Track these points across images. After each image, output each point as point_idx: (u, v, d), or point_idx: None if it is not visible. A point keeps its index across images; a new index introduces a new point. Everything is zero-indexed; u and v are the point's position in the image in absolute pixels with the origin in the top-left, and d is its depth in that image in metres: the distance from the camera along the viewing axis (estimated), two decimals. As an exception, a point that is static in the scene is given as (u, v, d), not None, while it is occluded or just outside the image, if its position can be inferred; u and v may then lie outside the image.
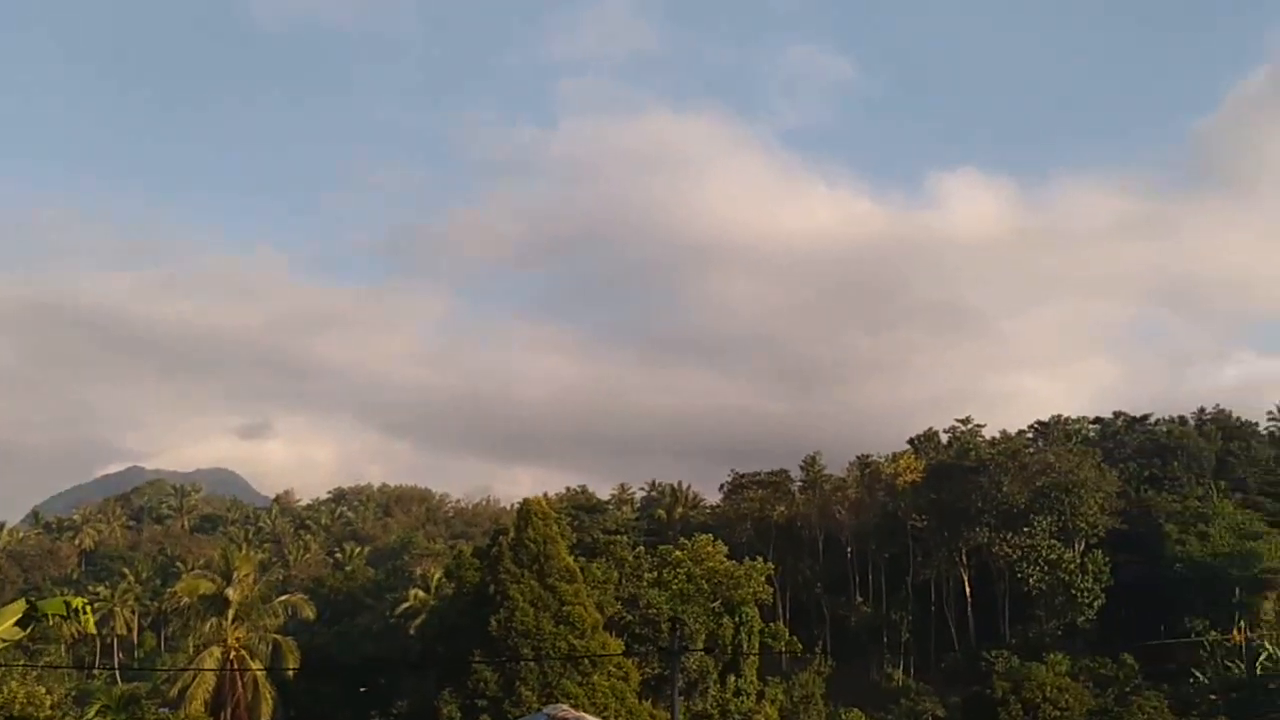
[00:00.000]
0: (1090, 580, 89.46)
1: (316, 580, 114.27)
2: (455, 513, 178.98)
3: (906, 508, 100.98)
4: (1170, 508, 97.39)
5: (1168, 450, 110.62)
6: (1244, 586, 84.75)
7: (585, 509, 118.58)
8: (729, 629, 68.50)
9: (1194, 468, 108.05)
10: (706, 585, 69.45)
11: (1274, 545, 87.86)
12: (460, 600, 63.49)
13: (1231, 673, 77.35)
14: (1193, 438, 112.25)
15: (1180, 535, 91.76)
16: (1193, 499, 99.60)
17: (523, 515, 58.18)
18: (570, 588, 54.77)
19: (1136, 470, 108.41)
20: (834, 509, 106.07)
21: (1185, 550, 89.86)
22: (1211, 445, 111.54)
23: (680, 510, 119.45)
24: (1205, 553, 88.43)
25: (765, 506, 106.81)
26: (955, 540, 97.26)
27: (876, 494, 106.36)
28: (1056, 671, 79.66)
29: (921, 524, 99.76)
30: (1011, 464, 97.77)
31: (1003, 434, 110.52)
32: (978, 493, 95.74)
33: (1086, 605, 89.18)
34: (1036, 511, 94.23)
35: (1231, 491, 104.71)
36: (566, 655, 51.70)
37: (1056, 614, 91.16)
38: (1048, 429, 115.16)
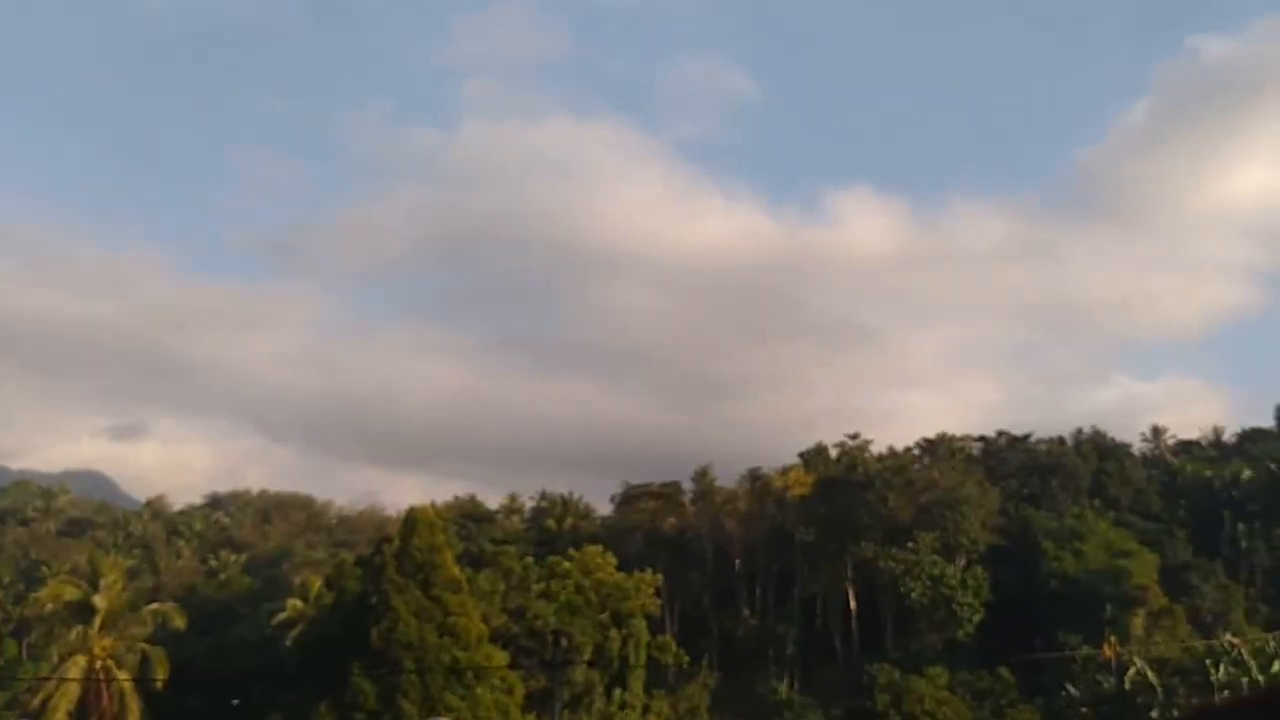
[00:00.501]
0: (971, 595, 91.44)
1: (189, 589, 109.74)
2: (338, 520, 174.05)
3: (795, 521, 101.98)
4: (1048, 525, 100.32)
5: (1047, 469, 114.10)
6: (1115, 603, 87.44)
7: (474, 518, 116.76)
8: (616, 641, 67.82)
9: (1071, 487, 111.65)
10: (595, 597, 68.68)
11: (1144, 563, 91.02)
12: (340, 611, 61.37)
13: (1102, 687, 79.75)
14: (1070, 457, 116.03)
15: (1057, 552, 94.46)
16: (1069, 517, 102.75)
17: (409, 524, 56.58)
18: (456, 599, 53.42)
19: (1017, 488, 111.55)
20: (724, 521, 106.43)
21: (1061, 567, 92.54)
22: (1088, 465, 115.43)
23: (570, 521, 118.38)
24: (1080, 569, 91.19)
25: (656, 518, 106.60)
26: (842, 554, 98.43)
27: (767, 507, 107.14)
28: (936, 684, 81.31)
29: (810, 537, 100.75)
30: (898, 480, 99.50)
31: (890, 450, 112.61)
32: (865, 507, 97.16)
33: (966, 620, 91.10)
34: (921, 527, 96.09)
35: (1106, 510, 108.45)
36: (449, 667, 50.33)
37: (938, 628, 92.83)
38: (934, 446, 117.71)
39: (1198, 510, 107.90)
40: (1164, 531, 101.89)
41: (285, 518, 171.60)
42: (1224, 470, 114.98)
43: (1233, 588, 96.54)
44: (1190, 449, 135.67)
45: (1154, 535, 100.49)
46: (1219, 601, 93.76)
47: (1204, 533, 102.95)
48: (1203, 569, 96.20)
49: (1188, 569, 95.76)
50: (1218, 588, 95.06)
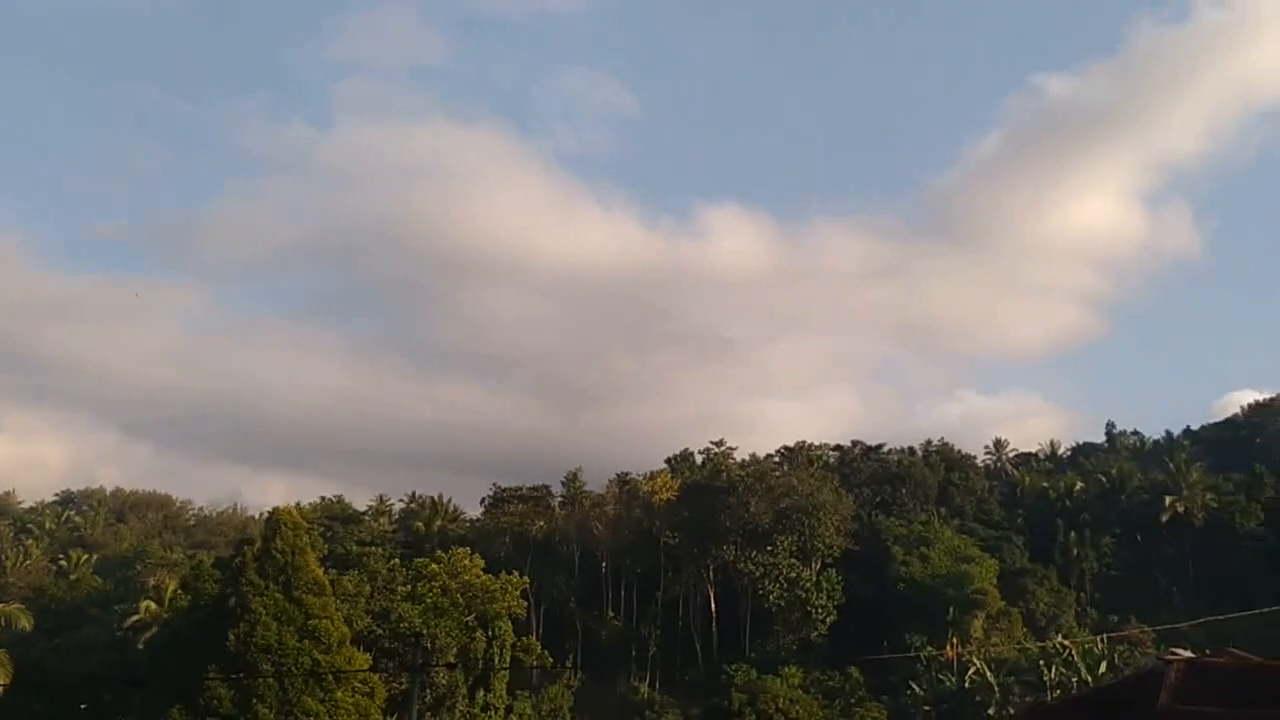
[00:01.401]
0: (825, 598, 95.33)
1: (37, 589, 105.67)
2: (197, 521, 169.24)
3: (661, 525, 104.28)
4: (897, 531, 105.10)
5: (897, 478, 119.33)
6: (958, 606, 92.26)
7: (340, 519, 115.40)
8: (481, 643, 68.48)
9: (919, 495, 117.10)
10: (461, 599, 69.23)
11: (985, 568, 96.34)
12: (197, 613, 60.67)
13: (944, 685, 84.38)
14: (919, 467, 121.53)
15: (905, 557, 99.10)
16: (917, 524, 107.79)
17: (271, 525, 56.35)
18: (318, 601, 53.46)
19: (870, 495, 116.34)
20: (592, 525, 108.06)
21: (909, 571, 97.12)
22: (935, 475, 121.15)
23: (440, 523, 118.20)
24: (926, 574, 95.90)
25: (525, 521, 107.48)
26: (704, 557, 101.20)
27: (634, 511, 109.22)
28: (790, 684, 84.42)
29: (674, 541, 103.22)
30: (759, 485, 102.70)
31: (752, 457, 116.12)
32: (727, 512, 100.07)
33: (820, 621, 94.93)
34: (779, 531, 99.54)
35: (951, 518, 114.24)
36: (309, 671, 50.40)
37: (793, 629, 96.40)
38: (793, 454, 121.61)
39: (1034, 519, 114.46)
40: (1003, 539, 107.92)
41: (141, 517, 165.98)
42: (1059, 482, 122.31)
43: (1065, 592, 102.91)
44: (1029, 461, 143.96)
45: (994, 542, 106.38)
46: (1052, 605, 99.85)
47: (1040, 540, 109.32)
48: (1038, 574, 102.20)
49: (1024, 574, 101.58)
50: (1051, 592, 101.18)
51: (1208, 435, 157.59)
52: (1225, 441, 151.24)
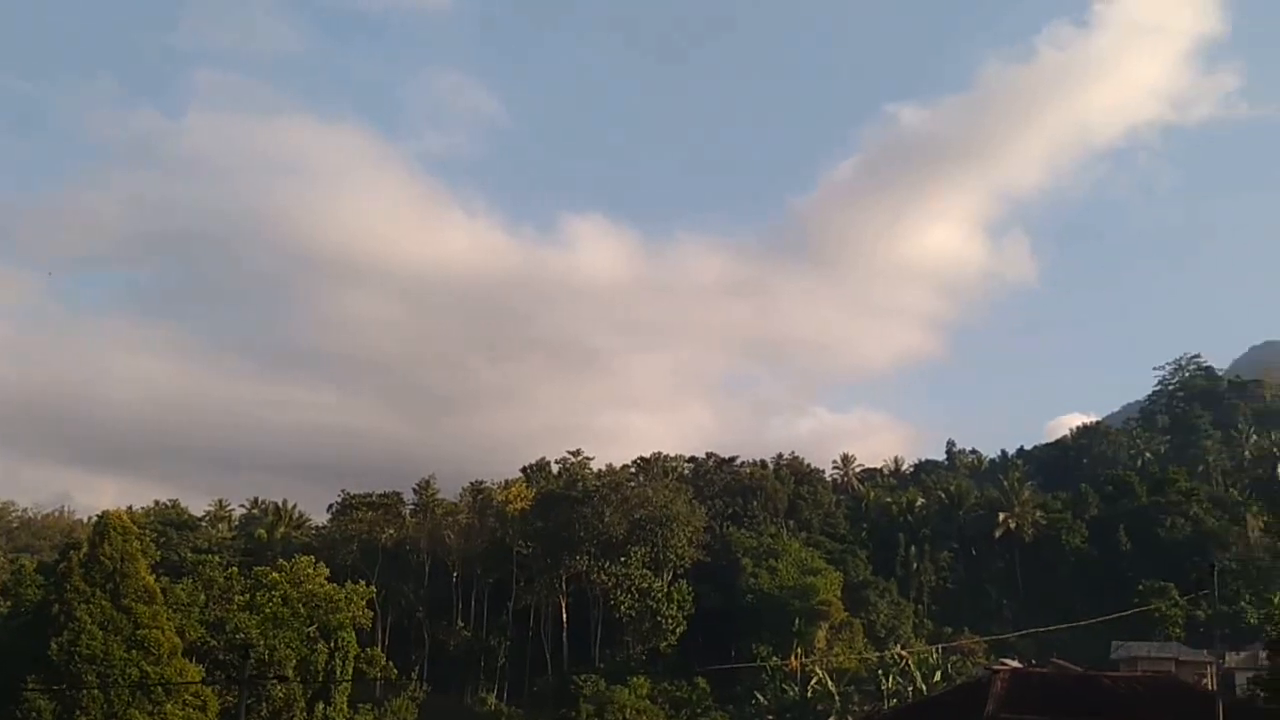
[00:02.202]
0: (675, 608, 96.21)
1: None
2: (20, 524, 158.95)
3: (515, 534, 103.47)
4: (748, 543, 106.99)
5: (749, 490, 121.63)
6: (803, 617, 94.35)
7: (175, 525, 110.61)
8: (323, 654, 66.57)
9: (770, 508, 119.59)
10: (303, 609, 67.16)
11: (830, 580, 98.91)
12: (16, 620, 57.25)
13: (787, 695, 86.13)
14: (771, 480, 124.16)
15: (754, 569, 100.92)
16: (767, 536, 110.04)
17: (99, 530, 53.66)
18: (148, 610, 51.10)
19: (722, 507, 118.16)
20: (444, 534, 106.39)
21: (757, 583, 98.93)
22: (786, 488, 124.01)
23: (283, 530, 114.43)
24: (773, 586, 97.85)
25: (374, 529, 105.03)
26: (557, 567, 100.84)
27: (487, 520, 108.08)
28: (638, 694, 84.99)
29: (527, 550, 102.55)
30: (614, 496, 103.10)
31: (609, 467, 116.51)
32: (581, 522, 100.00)
33: (670, 631, 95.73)
34: (633, 542, 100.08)
35: (799, 530, 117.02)
36: (137, 683, 48.04)
37: (643, 639, 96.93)
38: (649, 465, 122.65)
39: (878, 533, 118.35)
40: (848, 552, 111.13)
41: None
42: (901, 497, 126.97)
43: (903, 604, 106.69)
44: (874, 477, 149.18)
45: (839, 555, 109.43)
46: (891, 616, 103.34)
47: (882, 553, 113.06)
48: (879, 587, 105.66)
49: (867, 586, 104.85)
50: (891, 604, 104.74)
51: (1039, 455, 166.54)
52: (1055, 461, 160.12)
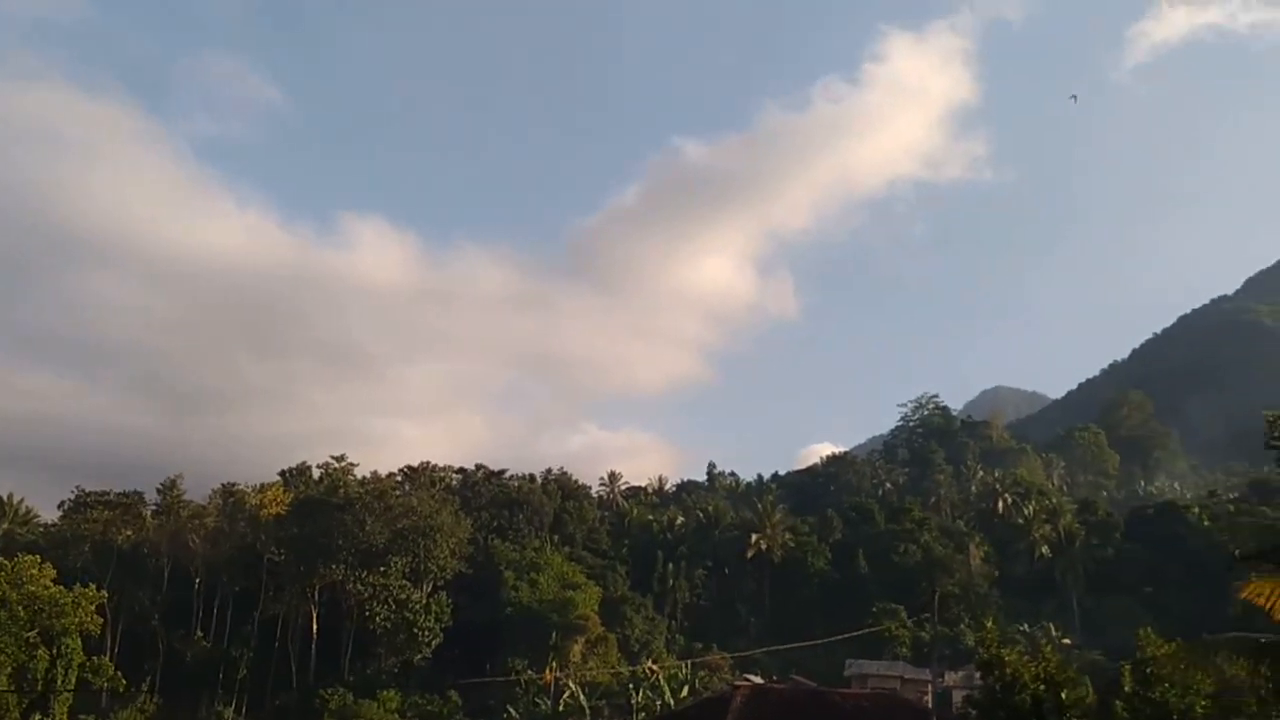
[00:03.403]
0: (433, 620, 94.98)
1: None
2: None
3: (267, 540, 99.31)
4: (511, 556, 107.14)
5: (516, 503, 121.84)
6: (560, 631, 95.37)
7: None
8: (43, 661, 61.77)
9: (535, 521, 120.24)
10: (24, 612, 62.03)
11: (589, 595, 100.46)
12: None
13: (539, 708, 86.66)
14: (538, 494, 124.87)
15: (516, 582, 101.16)
16: (530, 549, 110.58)
17: None
18: None
19: (488, 519, 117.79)
20: (189, 537, 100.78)
21: (518, 596, 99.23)
22: (552, 502, 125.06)
23: (6, 526, 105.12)
24: (534, 599, 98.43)
25: (110, 529, 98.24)
26: (311, 576, 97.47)
27: (238, 524, 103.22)
28: (387, 708, 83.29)
29: (280, 557, 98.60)
30: (377, 504, 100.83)
31: (373, 474, 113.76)
32: (341, 530, 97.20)
33: (425, 644, 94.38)
34: (394, 552, 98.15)
35: (562, 545, 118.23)
36: None
37: (397, 651, 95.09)
38: (416, 474, 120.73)
39: (638, 549, 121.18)
40: (609, 567, 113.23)
41: None
42: (662, 515, 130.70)
43: (658, 620, 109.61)
44: (638, 494, 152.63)
45: (600, 570, 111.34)
46: (646, 631, 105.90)
47: (641, 570, 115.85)
48: (636, 602, 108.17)
49: (624, 602, 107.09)
50: (646, 619, 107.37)
51: (792, 481, 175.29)
52: (805, 487, 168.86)
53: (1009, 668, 29.38)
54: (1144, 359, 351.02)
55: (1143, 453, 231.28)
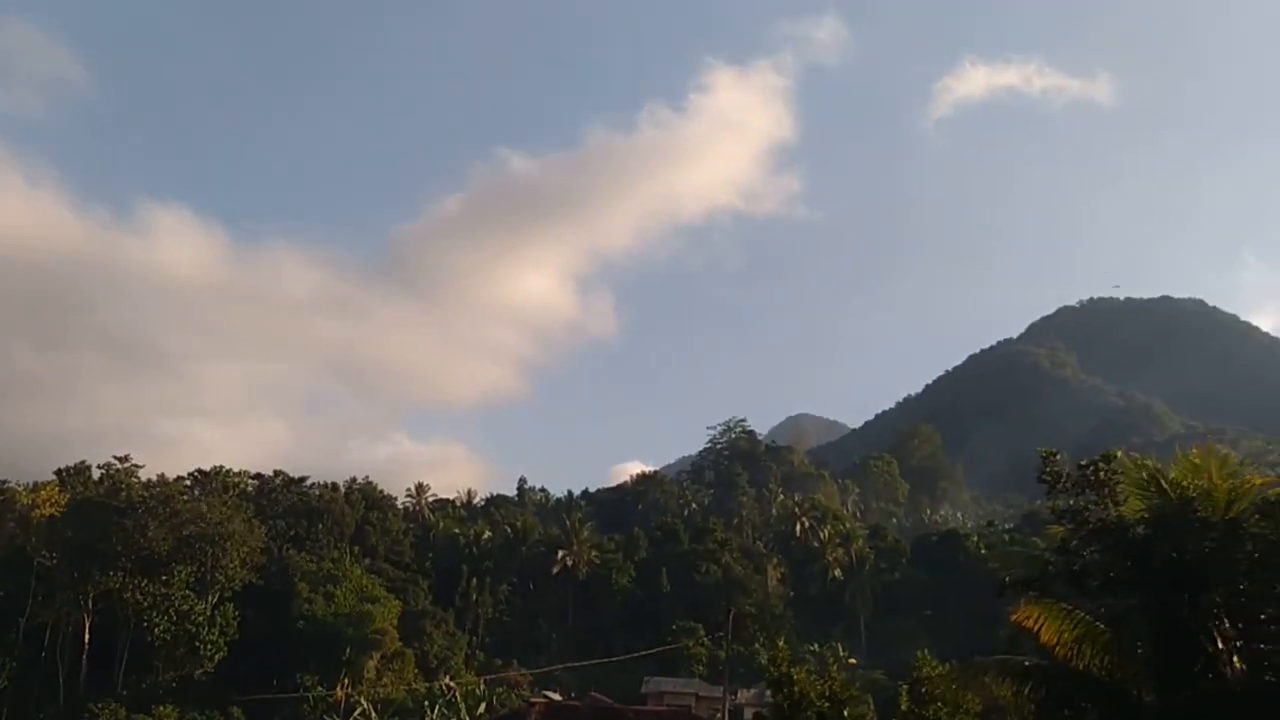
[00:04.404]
0: (217, 633, 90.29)
1: None
2: None
3: (39, 543, 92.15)
4: (307, 567, 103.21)
5: (316, 513, 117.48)
6: (355, 646, 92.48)
7: None
8: None
9: (336, 532, 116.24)
10: None
11: (388, 609, 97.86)
12: None
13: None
14: (340, 504, 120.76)
15: (310, 594, 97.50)
16: (328, 561, 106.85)
17: None
18: None
19: (284, 529, 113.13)
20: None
21: (312, 609, 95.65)
22: (355, 513, 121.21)
23: None
24: (329, 613, 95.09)
25: None
26: (85, 582, 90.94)
27: (7, 525, 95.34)
28: (164, 724, 78.73)
29: (51, 562, 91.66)
30: (163, 509, 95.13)
31: (160, 477, 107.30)
32: (121, 535, 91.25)
33: (208, 658, 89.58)
34: (179, 560, 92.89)
35: (363, 557, 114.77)
36: None
37: (177, 665, 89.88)
38: (208, 479, 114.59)
39: (442, 563, 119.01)
40: (410, 581, 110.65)
41: None
42: (469, 529, 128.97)
43: (459, 635, 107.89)
44: (446, 507, 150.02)
45: (401, 584, 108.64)
46: (445, 647, 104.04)
47: (445, 584, 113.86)
48: (436, 617, 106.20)
49: (424, 616, 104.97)
50: (446, 635, 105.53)
51: (601, 497, 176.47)
52: (614, 505, 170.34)
53: (797, 686, 30.28)
54: (936, 394, 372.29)
55: (930, 482, 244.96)
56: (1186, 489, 18.66)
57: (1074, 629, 19.78)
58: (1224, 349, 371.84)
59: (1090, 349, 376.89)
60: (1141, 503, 19.22)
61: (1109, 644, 19.56)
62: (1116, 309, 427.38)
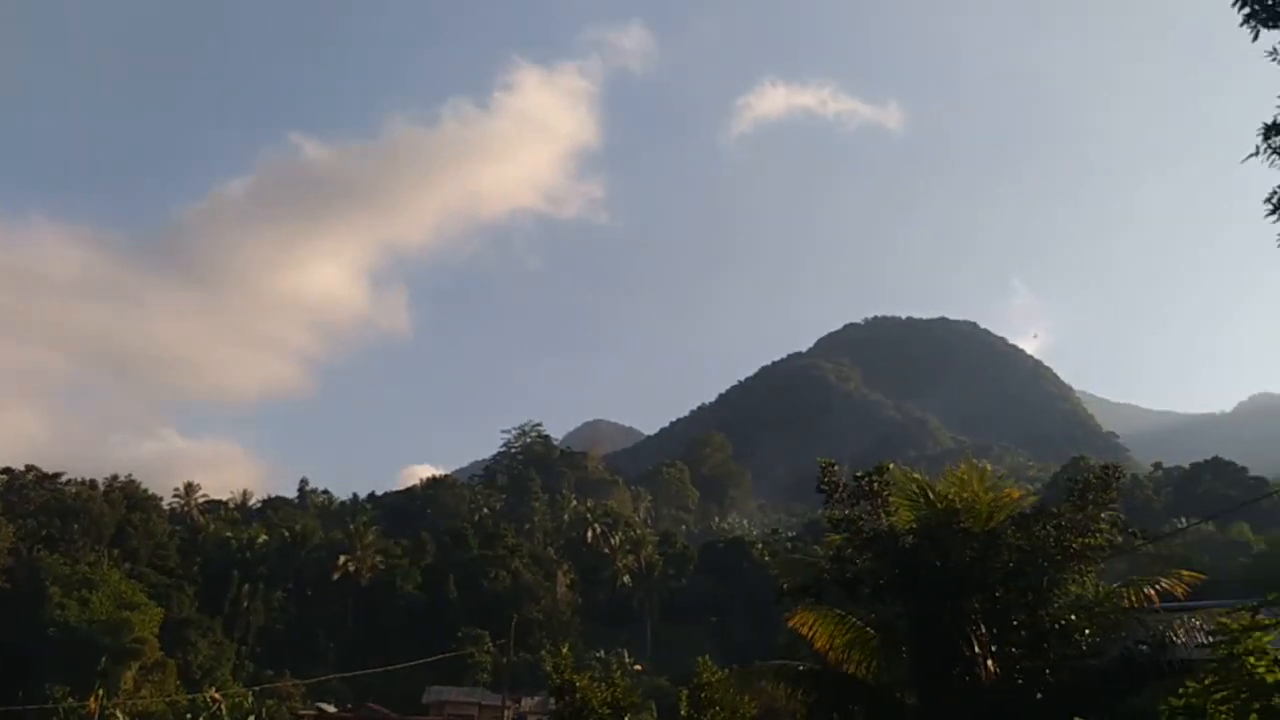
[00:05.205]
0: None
1: None
2: None
3: None
4: (60, 570, 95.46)
5: (71, 512, 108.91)
6: (111, 655, 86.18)
7: None
8: None
9: (93, 533, 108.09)
10: None
11: (149, 616, 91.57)
12: None
13: (77, 741, 77.62)
14: (99, 503, 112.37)
15: (63, 599, 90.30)
16: (84, 564, 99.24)
17: None
18: None
19: (35, 528, 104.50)
20: None
21: (64, 615, 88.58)
22: (115, 513, 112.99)
23: None
24: (82, 619, 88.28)
25: None
26: None
27: None
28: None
29: None
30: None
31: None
32: None
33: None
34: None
35: (124, 560, 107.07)
36: None
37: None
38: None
39: (212, 568, 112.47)
40: (175, 586, 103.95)
41: None
42: (244, 533, 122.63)
43: (227, 645, 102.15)
44: (218, 509, 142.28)
45: (165, 589, 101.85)
46: (211, 657, 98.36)
47: (214, 590, 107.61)
48: (203, 625, 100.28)
49: (189, 624, 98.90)
50: (213, 644, 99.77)
51: (389, 501, 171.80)
52: (402, 509, 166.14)
53: (579, 693, 30.00)
54: (728, 404, 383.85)
55: (720, 490, 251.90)
56: (952, 501, 19.41)
57: (845, 634, 20.31)
58: (994, 370, 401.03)
59: (874, 365, 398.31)
60: (911, 513, 19.87)
61: (877, 649, 20.16)
62: (899, 328, 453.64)
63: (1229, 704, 11.24)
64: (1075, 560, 19.33)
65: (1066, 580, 19.49)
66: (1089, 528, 19.51)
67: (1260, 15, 13.73)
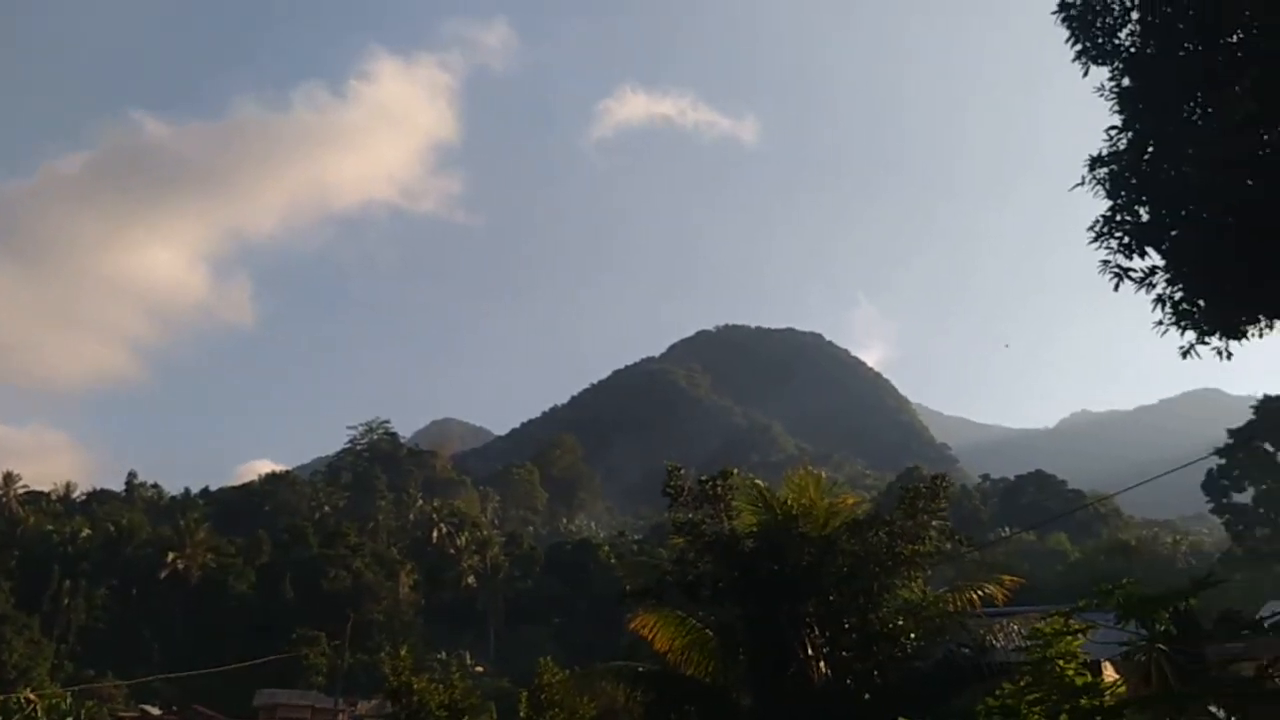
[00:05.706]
0: None
1: None
2: None
3: None
4: None
5: None
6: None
7: None
8: None
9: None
10: None
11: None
12: None
13: None
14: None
15: None
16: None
17: None
18: None
19: None
20: None
21: None
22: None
23: None
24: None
25: None
26: None
27: None
28: None
29: None
30: None
31: None
32: None
33: None
34: None
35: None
36: None
37: None
38: None
39: (30, 563, 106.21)
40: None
41: None
42: (66, 526, 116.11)
43: (45, 643, 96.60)
44: (39, 501, 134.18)
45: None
46: (27, 656, 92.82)
47: (32, 586, 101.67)
48: (19, 622, 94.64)
49: (5, 622, 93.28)
50: (29, 643, 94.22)
51: (224, 497, 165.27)
52: (238, 505, 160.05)
53: (417, 695, 29.70)
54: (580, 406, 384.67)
55: (569, 492, 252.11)
56: (791, 507, 20.01)
57: (685, 636, 20.67)
58: (837, 379, 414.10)
59: (723, 372, 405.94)
60: (752, 518, 20.40)
61: (715, 651, 20.59)
62: (748, 336, 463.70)
63: (1041, 705, 11.90)
64: (905, 566, 20.17)
65: (896, 585, 20.33)
66: (919, 535, 20.41)
67: (1091, 52, 14.74)
